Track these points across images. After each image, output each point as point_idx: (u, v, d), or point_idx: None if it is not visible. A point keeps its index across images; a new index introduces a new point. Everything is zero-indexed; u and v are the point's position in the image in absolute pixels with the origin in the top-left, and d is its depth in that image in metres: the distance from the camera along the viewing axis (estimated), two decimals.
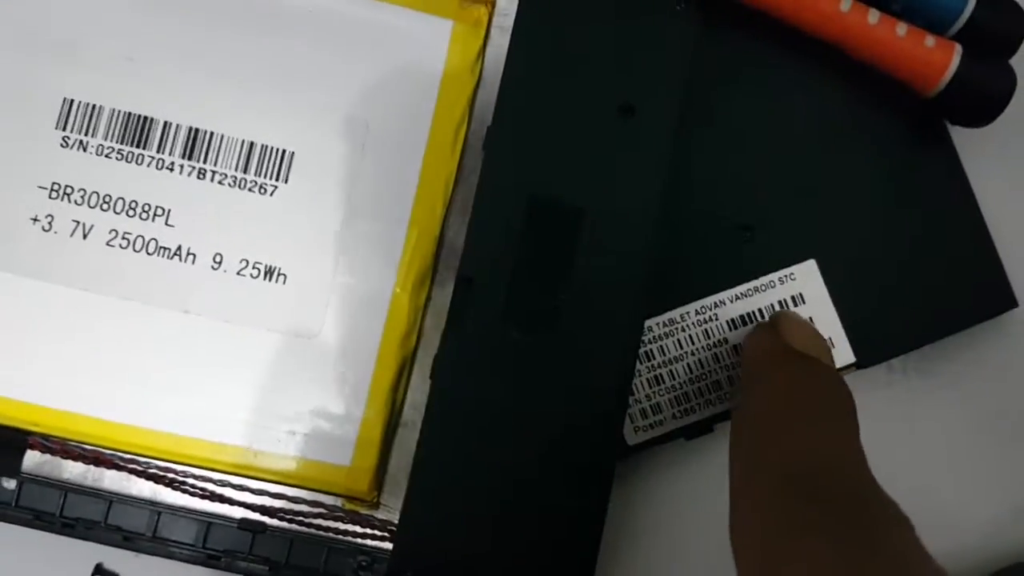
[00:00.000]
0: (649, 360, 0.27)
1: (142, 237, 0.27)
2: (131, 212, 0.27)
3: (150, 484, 0.27)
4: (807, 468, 0.21)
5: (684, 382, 0.27)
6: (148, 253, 0.27)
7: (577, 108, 0.25)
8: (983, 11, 0.27)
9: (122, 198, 0.27)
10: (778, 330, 0.25)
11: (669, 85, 0.26)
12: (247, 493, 0.27)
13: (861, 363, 0.28)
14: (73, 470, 0.27)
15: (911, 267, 0.28)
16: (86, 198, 0.27)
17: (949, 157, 0.28)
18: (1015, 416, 0.30)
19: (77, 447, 0.26)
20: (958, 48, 0.26)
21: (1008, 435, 0.30)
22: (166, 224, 0.27)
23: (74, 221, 0.27)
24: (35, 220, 0.26)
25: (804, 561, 0.18)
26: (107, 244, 0.27)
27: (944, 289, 0.28)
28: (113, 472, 0.27)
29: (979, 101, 0.27)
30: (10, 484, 0.26)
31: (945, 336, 0.28)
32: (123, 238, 0.27)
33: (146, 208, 0.27)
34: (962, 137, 0.28)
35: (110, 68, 0.27)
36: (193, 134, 0.27)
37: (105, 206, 0.27)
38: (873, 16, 0.26)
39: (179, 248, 0.27)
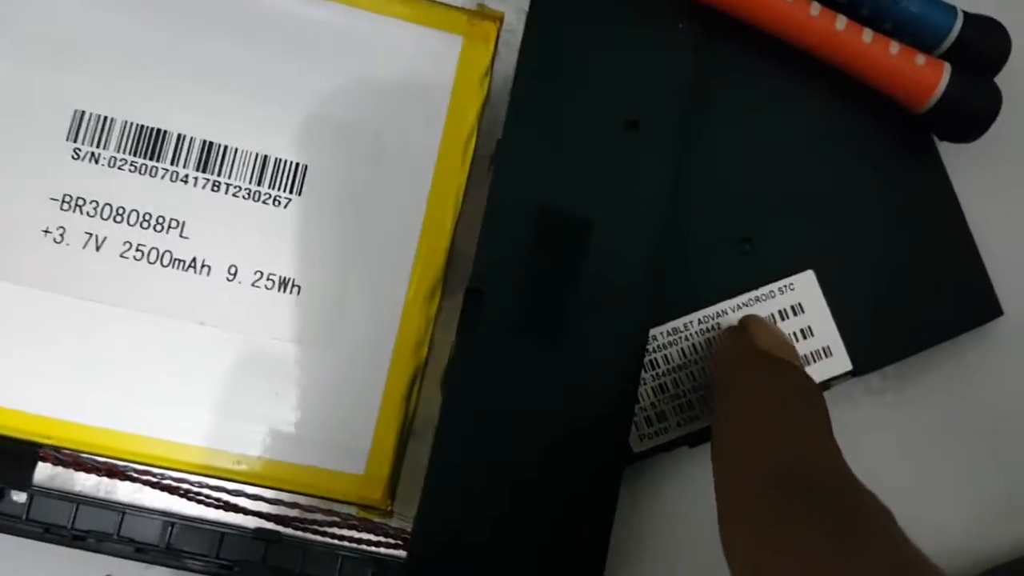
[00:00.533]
0: (654, 368, 0.28)
1: (156, 249, 0.27)
2: (145, 224, 0.27)
3: (163, 496, 0.27)
4: (790, 466, 0.21)
5: (688, 390, 0.28)
6: (163, 265, 0.26)
7: (584, 123, 0.26)
8: (970, 31, 0.28)
9: (136, 210, 0.27)
10: (748, 333, 0.26)
11: (672, 100, 0.26)
12: (261, 503, 0.27)
13: (856, 371, 0.28)
14: (86, 483, 0.27)
15: (902, 277, 0.29)
16: (98, 210, 0.26)
17: (937, 171, 0.29)
18: (1000, 420, 0.31)
19: (90, 459, 0.26)
20: (947, 67, 0.27)
21: (993, 439, 0.31)
22: (180, 236, 0.27)
23: (87, 233, 0.26)
24: (46, 232, 0.26)
25: (794, 552, 0.19)
26: (121, 256, 0.26)
27: (933, 298, 0.29)
28: (126, 484, 0.27)
29: (967, 119, 0.28)
30: (20, 497, 0.26)
31: (936, 344, 0.29)
32: (137, 250, 0.26)
33: (160, 220, 0.27)
34: (949, 151, 0.29)
35: (121, 80, 0.27)
36: (207, 147, 0.27)
37: (118, 218, 0.26)
38: (867, 35, 0.27)
39: (194, 260, 0.27)
